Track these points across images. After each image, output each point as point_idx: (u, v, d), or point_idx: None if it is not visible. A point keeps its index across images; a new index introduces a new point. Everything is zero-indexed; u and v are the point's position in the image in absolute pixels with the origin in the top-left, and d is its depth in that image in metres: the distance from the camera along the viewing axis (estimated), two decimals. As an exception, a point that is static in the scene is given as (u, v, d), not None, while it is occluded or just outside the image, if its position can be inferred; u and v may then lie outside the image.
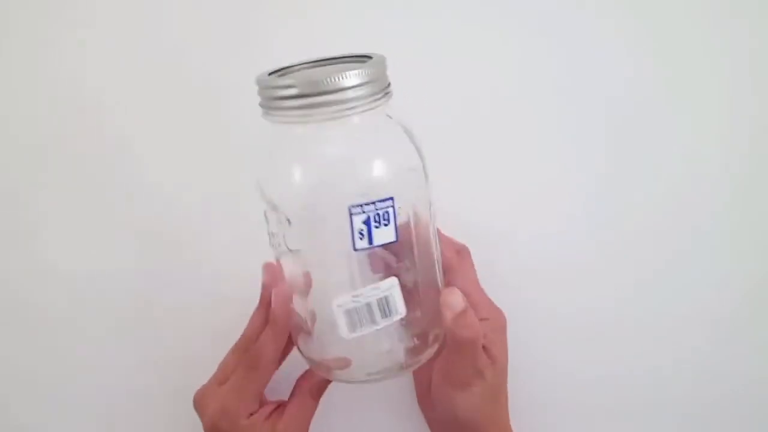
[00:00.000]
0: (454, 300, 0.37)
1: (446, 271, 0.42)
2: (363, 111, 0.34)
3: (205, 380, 0.43)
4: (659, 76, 0.45)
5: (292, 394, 0.44)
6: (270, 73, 0.36)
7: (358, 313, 0.37)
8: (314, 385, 0.43)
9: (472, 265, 0.44)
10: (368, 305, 0.37)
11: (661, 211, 0.47)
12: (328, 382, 0.43)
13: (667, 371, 0.50)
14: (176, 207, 0.50)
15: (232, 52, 0.47)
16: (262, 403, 0.43)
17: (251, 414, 0.41)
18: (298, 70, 0.37)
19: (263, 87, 0.35)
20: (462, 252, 0.44)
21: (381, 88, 0.35)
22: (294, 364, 0.43)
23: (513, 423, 0.45)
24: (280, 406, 0.43)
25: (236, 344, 0.43)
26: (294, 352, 0.42)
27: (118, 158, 0.49)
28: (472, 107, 0.46)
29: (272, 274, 0.40)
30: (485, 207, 0.47)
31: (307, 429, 0.43)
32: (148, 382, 0.51)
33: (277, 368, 0.42)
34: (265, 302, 0.41)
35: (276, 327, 0.39)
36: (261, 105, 0.35)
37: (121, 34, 0.48)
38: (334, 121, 0.34)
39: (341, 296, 0.36)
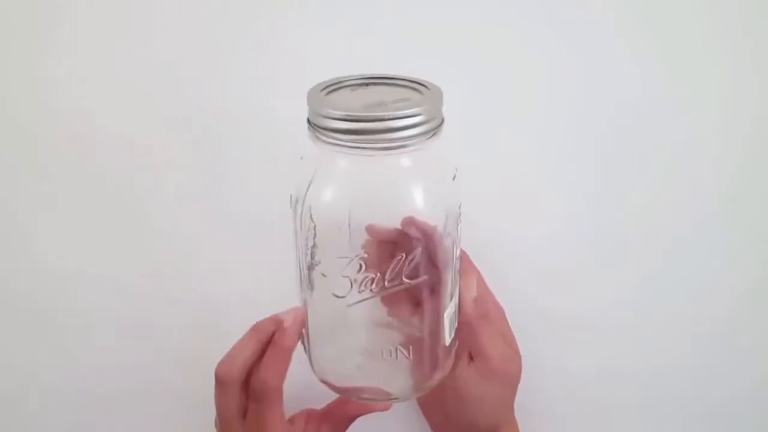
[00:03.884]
0: (473, 285, 0.40)
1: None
2: (413, 151, 0.32)
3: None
4: (661, 79, 0.45)
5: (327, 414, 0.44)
6: (322, 89, 0.34)
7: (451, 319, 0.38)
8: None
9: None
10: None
11: (661, 211, 0.48)
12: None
13: (667, 371, 0.50)
14: (184, 210, 0.48)
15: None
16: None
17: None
18: (349, 86, 0.35)
19: (313, 108, 0.33)
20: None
21: (433, 127, 0.33)
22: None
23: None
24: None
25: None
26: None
27: (125, 159, 0.48)
28: (471, 108, 0.46)
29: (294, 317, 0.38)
30: (485, 207, 0.47)
31: None
32: (150, 381, 0.51)
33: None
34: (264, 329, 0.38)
35: (283, 349, 0.37)
36: (309, 125, 0.33)
37: (128, 32, 0.47)
38: (378, 157, 0.32)
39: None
